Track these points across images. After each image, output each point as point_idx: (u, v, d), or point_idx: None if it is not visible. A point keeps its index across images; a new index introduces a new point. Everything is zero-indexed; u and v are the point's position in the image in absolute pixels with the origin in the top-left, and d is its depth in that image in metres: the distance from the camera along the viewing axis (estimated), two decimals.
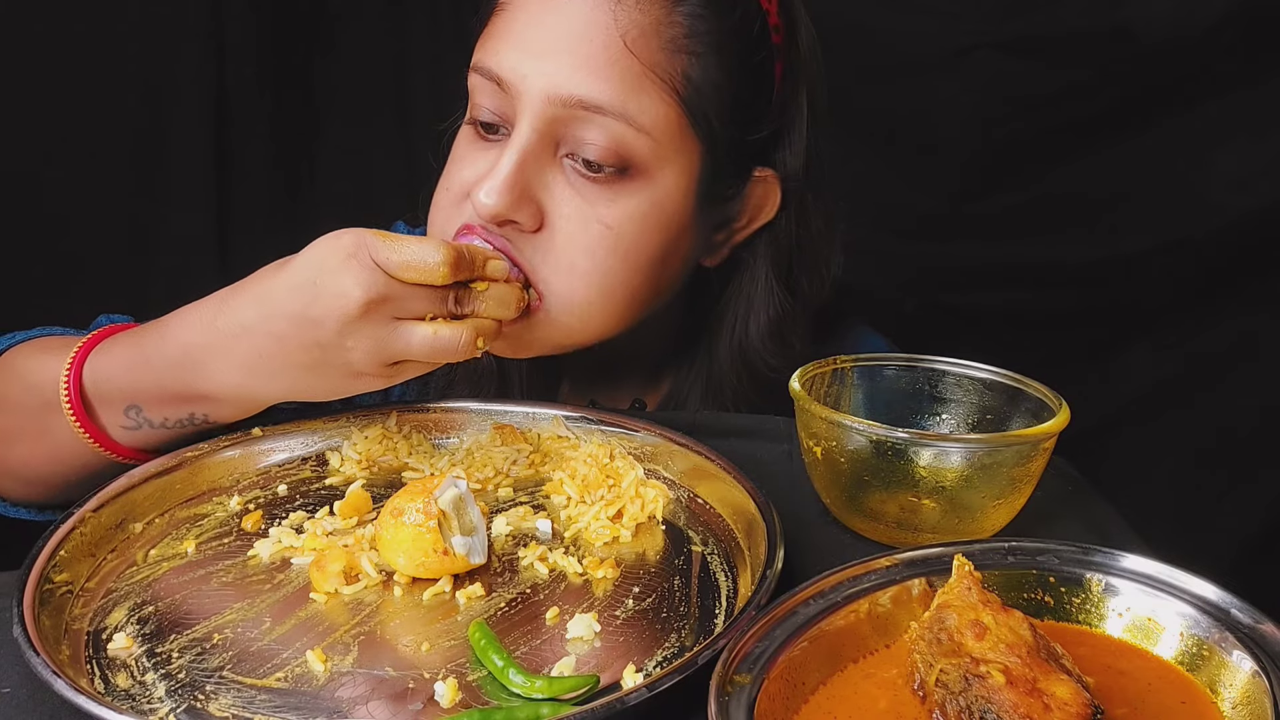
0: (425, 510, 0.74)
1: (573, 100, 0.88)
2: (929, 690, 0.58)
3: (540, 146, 0.89)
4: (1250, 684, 0.59)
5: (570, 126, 0.89)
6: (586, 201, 0.90)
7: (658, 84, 0.89)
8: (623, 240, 0.91)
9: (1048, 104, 1.56)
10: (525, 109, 0.89)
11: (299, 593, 0.75)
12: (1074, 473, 0.91)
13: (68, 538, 0.76)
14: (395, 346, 0.80)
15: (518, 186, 0.88)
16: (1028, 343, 1.58)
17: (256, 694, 0.64)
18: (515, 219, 0.89)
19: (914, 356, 0.90)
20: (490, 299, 0.84)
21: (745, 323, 1.03)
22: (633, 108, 0.88)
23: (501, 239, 0.90)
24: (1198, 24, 1.47)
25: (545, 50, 0.88)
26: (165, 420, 0.86)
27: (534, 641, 0.69)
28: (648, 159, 0.90)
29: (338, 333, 0.78)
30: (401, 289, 0.78)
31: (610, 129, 0.88)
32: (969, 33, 1.55)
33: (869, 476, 0.79)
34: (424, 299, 0.80)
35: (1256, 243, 1.54)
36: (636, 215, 0.91)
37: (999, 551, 0.69)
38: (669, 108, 0.90)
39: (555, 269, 0.91)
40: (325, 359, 0.80)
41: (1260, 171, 1.51)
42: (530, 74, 0.88)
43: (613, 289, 0.92)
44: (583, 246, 0.90)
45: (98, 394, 0.86)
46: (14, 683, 0.65)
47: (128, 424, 0.87)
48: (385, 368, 0.81)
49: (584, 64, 0.88)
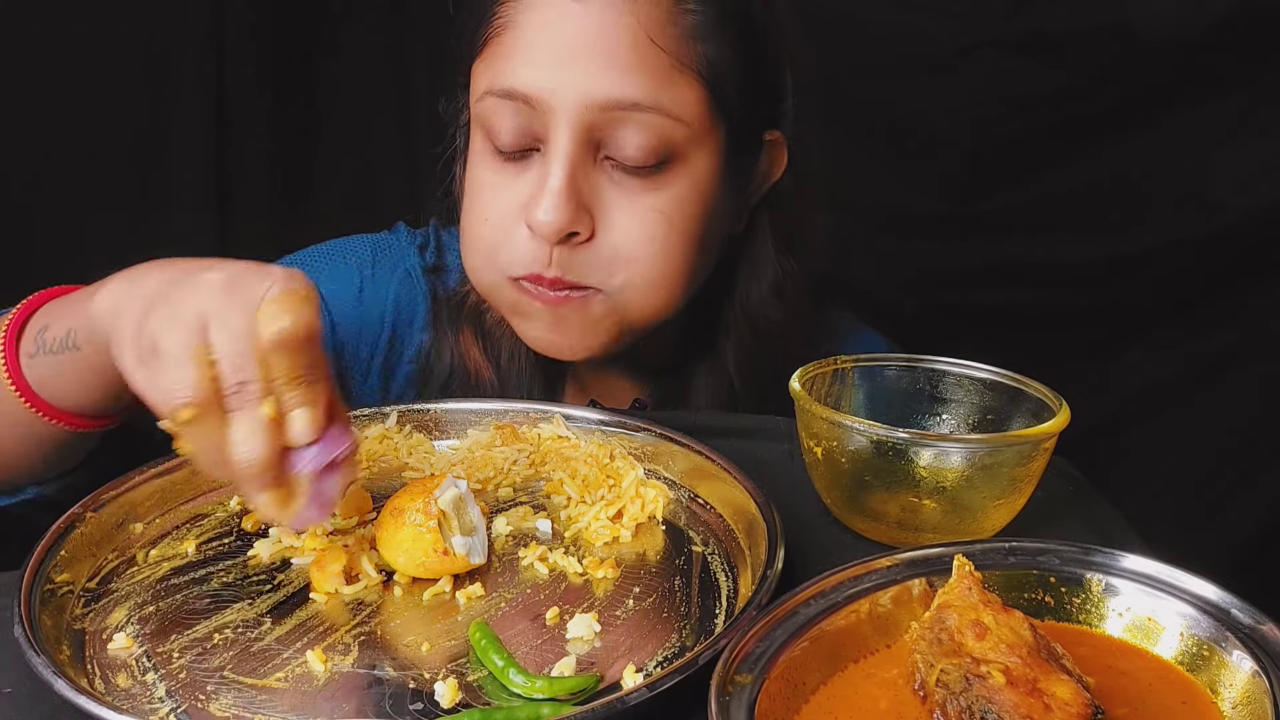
0: (425, 510, 0.74)
1: (610, 102, 0.88)
2: (929, 690, 0.58)
3: (582, 154, 0.90)
4: (1250, 684, 0.59)
5: (608, 129, 0.90)
6: (633, 197, 0.92)
7: (684, 72, 0.90)
8: (674, 222, 0.93)
9: (1048, 103, 1.56)
10: (561, 121, 0.89)
11: (299, 593, 0.75)
12: (1074, 473, 0.91)
13: (68, 538, 0.76)
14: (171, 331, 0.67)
15: (573, 198, 0.90)
16: (1028, 343, 1.57)
17: (256, 694, 0.64)
18: (576, 230, 0.91)
19: (914, 356, 0.90)
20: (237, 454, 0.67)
21: (748, 286, 1.05)
22: (666, 99, 0.90)
23: (558, 271, 0.92)
24: (1198, 23, 1.47)
25: (571, 58, 0.88)
26: (54, 341, 0.83)
27: (534, 641, 0.69)
28: (685, 146, 0.92)
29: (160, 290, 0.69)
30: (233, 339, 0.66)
31: (649, 124, 0.89)
32: (970, 32, 1.55)
33: (870, 477, 0.79)
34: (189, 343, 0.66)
35: (1257, 243, 1.54)
36: (680, 199, 0.93)
37: (999, 551, 0.69)
38: (697, 93, 0.92)
39: (615, 267, 0.93)
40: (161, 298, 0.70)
41: (1261, 171, 1.51)
42: (560, 85, 0.88)
43: (672, 268, 0.95)
44: (638, 237, 0.93)
45: (33, 321, 0.86)
46: (14, 682, 0.65)
47: (29, 349, 0.85)
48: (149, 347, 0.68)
49: (614, 65, 0.88)
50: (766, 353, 1.06)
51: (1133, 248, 1.59)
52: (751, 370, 1.06)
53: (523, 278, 0.94)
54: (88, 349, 0.81)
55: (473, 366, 1.07)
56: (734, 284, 1.05)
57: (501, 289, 0.97)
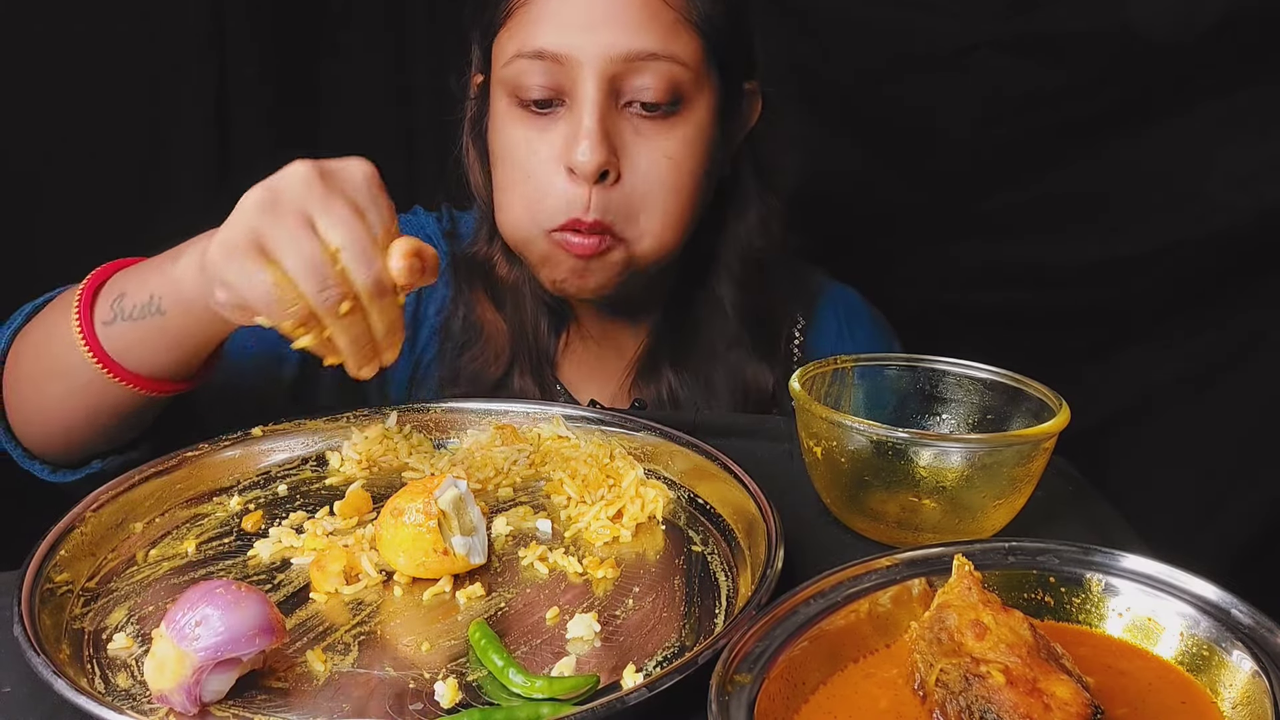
0: (425, 510, 0.74)
1: (630, 54, 1.00)
2: (929, 690, 0.58)
3: (607, 103, 1.01)
4: (1250, 684, 0.59)
5: (627, 78, 1.01)
6: (649, 139, 1.03)
7: (686, 25, 1.03)
8: (682, 168, 1.05)
9: (1048, 103, 1.56)
10: (588, 74, 1.00)
11: (299, 593, 0.75)
12: (1074, 473, 0.91)
13: (68, 537, 0.76)
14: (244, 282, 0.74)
15: (606, 138, 1.01)
16: (1028, 343, 1.57)
17: (256, 694, 0.64)
18: (609, 168, 1.01)
19: (914, 356, 0.90)
20: (345, 330, 0.75)
21: (737, 222, 1.16)
22: (675, 48, 1.02)
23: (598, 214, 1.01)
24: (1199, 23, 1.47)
25: (595, 19, 1.00)
26: (134, 308, 0.86)
27: (534, 641, 0.69)
28: (690, 90, 1.04)
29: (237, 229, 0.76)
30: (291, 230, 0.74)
31: (662, 70, 1.01)
32: (970, 32, 1.54)
33: (869, 476, 0.79)
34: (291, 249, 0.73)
35: (1258, 243, 1.54)
36: (686, 142, 1.05)
37: (999, 551, 0.69)
38: (696, 43, 1.04)
39: (638, 211, 1.04)
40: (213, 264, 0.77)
41: (1262, 171, 1.50)
42: (586, 43, 1.00)
43: (680, 211, 1.07)
44: (654, 182, 1.04)
45: (105, 290, 0.89)
46: (14, 682, 0.65)
47: (106, 317, 0.88)
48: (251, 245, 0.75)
49: (631, 21, 1.00)
50: (755, 281, 1.17)
51: (1133, 248, 1.59)
52: (744, 300, 1.16)
53: (561, 226, 1.03)
54: (173, 312, 0.85)
55: (481, 320, 1.15)
56: (723, 222, 1.16)
57: (536, 242, 1.06)
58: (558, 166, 1.03)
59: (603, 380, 1.19)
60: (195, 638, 0.61)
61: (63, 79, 1.50)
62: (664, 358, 1.16)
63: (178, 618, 0.62)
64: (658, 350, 1.17)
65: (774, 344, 1.19)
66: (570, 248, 1.04)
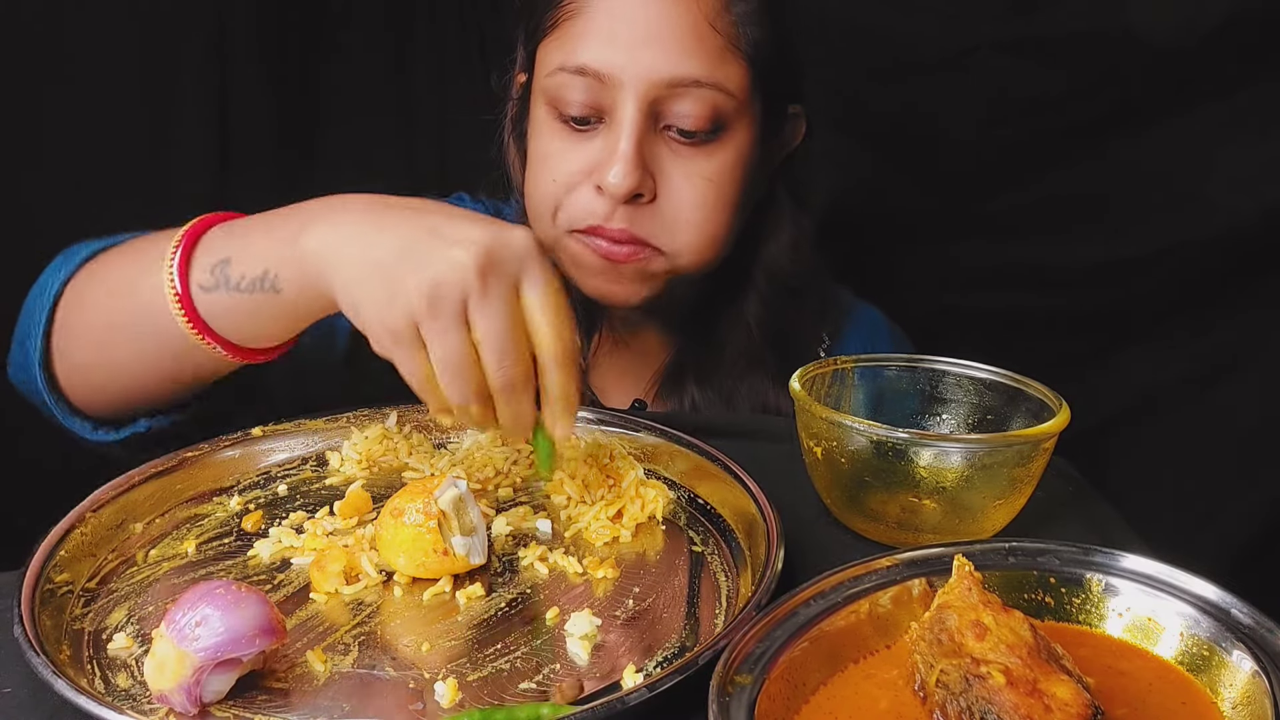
0: (425, 510, 0.74)
1: (674, 79, 0.99)
2: (930, 691, 0.58)
3: (646, 125, 1.00)
4: (1250, 684, 0.59)
5: (669, 103, 1.00)
6: (687, 163, 1.03)
7: (734, 53, 1.02)
8: (721, 189, 1.05)
9: (1050, 105, 1.56)
10: (629, 96, 0.99)
11: (299, 593, 0.75)
12: (1074, 473, 0.91)
13: (68, 538, 0.76)
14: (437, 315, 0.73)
15: (640, 164, 1.00)
16: (1028, 343, 1.57)
17: (256, 694, 0.64)
18: (642, 191, 1.01)
19: (914, 356, 0.90)
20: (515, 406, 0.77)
21: (769, 242, 1.16)
22: (720, 76, 1.01)
23: (623, 224, 1.01)
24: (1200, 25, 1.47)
25: (639, 41, 0.98)
26: (243, 278, 0.82)
27: (534, 641, 0.69)
28: (732, 117, 1.03)
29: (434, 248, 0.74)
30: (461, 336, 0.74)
31: (705, 98, 1.00)
32: (971, 33, 1.55)
33: (869, 477, 0.79)
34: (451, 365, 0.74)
35: (1259, 244, 1.54)
36: (726, 166, 1.05)
37: (999, 552, 0.69)
38: (743, 71, 1.03)
39: (674, 227, 1.03)
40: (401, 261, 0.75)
41: (1263, 173, 1.50)
42: (629, 64, 0.98)
43: (718, 230, 1.06)
44: (692, 202, 1.03)
45: (202, 250, 0.85)
46: (15, 683, 0.65)
47: (207, 282, 0.83)
48: (408, 325, 0.74)
49: (677, 47, 0.99)
50: (782, 303, 1.17)
51: (1134, 249, 1.59)
52: (770, 320, 1.16)
53: (583, 230, 1.03)
54: (291, 292, 0.81)
55: None
56: (755, 242, 1.15)
57: (564, 242, 1.06)
58: (588, 180, 1.02)
59: (630, 388, 1.19)
60: (195, 638, 0.61)
61: (63, 78, 1.50)
62: (688, 372, 1.15)
63: (178, 618, 0.62)
64: (683, 364, 1.16)
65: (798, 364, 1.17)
66: (597, 249, 1.03)
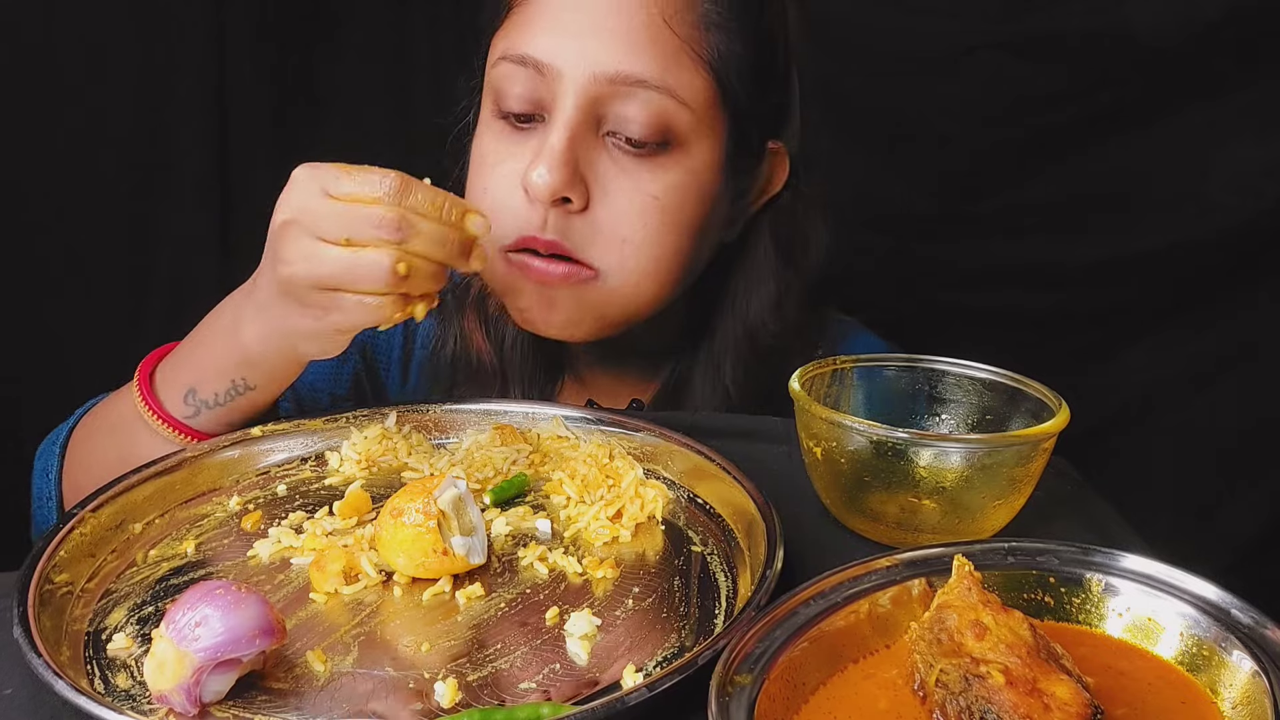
0: (425, 510, 0.74)
1: (619, 76, 0.91)
2: (929, 691, 0.58)
3: (585, 125, 0.92)
4: (1250, 684, 0.59)
5: (613, 104, 0.92)
6: (630, 176, 0.94)
7: (694, 59, 0.93)
8: (668, 210, 0.94)
9: (1048, 104, 1.56)
10: (569, 89, 0.91)
11: (299, 593, 0.75)
12: (1074, 473, 0.91)
13: (68, 538, 0.76)
14: (318, 266, 0.77)
15: (571, 163, 0.91)
16: (1028, 343, 1.57)
17: (256, 694, 0.64)
18: (569, 195, 0.92)
19: (914, 356, 0.90)
20: (424, 233, 0.77)
21: (748, 296, 1.05)
22: (673, 81, 0.92)
23: (554, 235, 0.93)
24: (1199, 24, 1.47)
25: (586, 30, 0.91)
26: (216, 396, 0.88)
27: (534, 641, 0.69)
28: (686, 132, 0.94)
29: (274, 248, 0.79)
30: (323, 204, 0.78)
31: (653, 102, 0.92)
32: (970, 33, 1.55)
33: (869, 477, 0.79)
34: (340, 217, 0.77)
35: (1258, 244, 1.54)
36: (678, 185, 0.94)
37: (999, 552, 0.69)
38: (704, 81, 0.94)
39: (608, 244, 0.94)
40: (284, 287, 0.80)
41: (1262, 172, 1.50)
42: (572, 55, 0.91)
43: (663, 257, 0.96)
44: (631, 218, 0.94)
45: (164, 388, 0.91)
46: (15, 684, 0.65)
47: (188, 411, 0.89)
48: (321, 294, 0.78)
49: (625, 41, 0.91)
50: (764, 365, 1.06)
51: (1133, 249, 1.59)
52: (748, 381, 1.06)
53: (516, 244, 0.95)
54: (265, 381, 0.88)
55: (475, 352, 1.07)
56: (733, 294, 1.06)
57: (495, 265, 0.98)
58: (517, 185, 0.94)
59: None
60: (195, 638, 0.61)
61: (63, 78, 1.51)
62: None
63: (178, 618, 0.62)
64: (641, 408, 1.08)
65: None
66: (530, 272, 0.96)
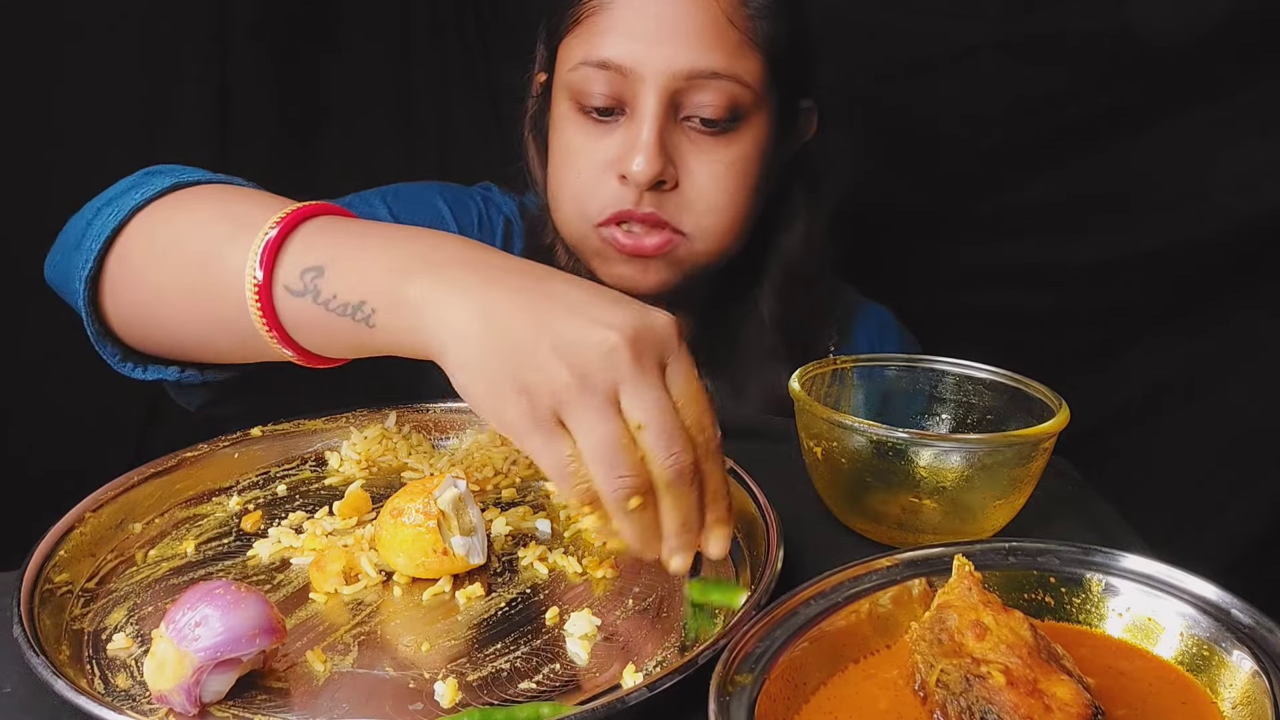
0: (425, 510, 0.74)
1: (693, 72, 1.03)
2: (930, 691, 0.58)
3: (666, 116, 1.05)
4: (1250, 684, 0.59)
5: (688, 94, 1.05)
6: (707, 152, 1.07)
7: (751, 45, 1.06)
8: (741, 175, 1.09)
9: (1049, 104, 1.56)
10: (650, 88, 1.03)
11: (299, 593, 0.75)
12: (1074, 473, 0.91)
13: (68, 538, 0.76)
14: (598, 423, 0.64)
15: (663, 151, 1.04)
16: (1028, 343, 1.57)
17: (256, 694, 0.64)
18: (664, 178, 1.05)
19: (914, 356, 0.90)
20: (681, 498, 0.66)
21: (782, 233, 1.19)
22: (738, 68, 1.05)
23: (651, 208, 1.06)
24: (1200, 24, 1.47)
25: (661, 36, 1.03)
26: (333, 298, 0.71)
27: (534, 641, 0.69)
28: (749, 107, 1.08)
29: (572, 342, 0.65)
30: (659, 399, 0.66)
31: (723, 89, 1.05)
32: (971, 33, 1.55)
33: (870, 477, 0.79)
34: (662, 416, 0.66)
35: (1258, 244, 1.54)
36: (746, 154, 1.09)
37: (999, 552, 0.69)
38: (759, 63, 1.07)
39: (696, 211, 1.08)
40: (537, 342, 0.65)
41: (1262, 172, 1.50)
42: (650, 58, 1.03)
43: (738, 215, 1.11)
44: (713, 185, 1.08)
45: (296, 242, 0.74)
46: (14, 683, 0.65)
47: (295, 286, 0.73)
48: (550, 414, 0.65)
49: (696, 40, 1.03)
50: (795, 295, 1.20)
51: (1133, 249, 1.59)
52: (781, 309, 1.20)
53: (611, 218, 1.07)
54: (383, 332, 0.71)
55: None
56: (769, 234, 1.19)
57: (589, 237, 1.10)
58: (611, 171, 1.06)
59: None
60: (195, 638, 0.61)
61: (63, 77, 1.51)
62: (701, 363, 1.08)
63: (178, 618, 0.62)
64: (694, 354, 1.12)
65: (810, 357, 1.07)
66: (621, 247, 1.07)
